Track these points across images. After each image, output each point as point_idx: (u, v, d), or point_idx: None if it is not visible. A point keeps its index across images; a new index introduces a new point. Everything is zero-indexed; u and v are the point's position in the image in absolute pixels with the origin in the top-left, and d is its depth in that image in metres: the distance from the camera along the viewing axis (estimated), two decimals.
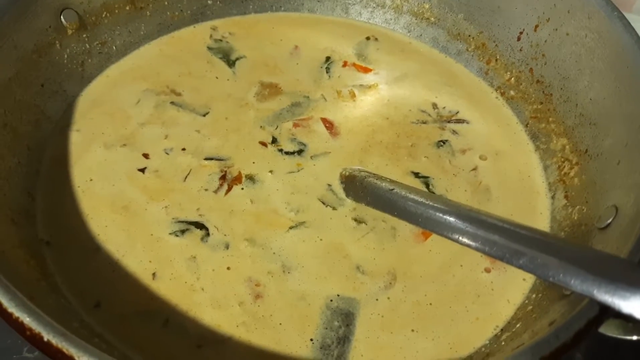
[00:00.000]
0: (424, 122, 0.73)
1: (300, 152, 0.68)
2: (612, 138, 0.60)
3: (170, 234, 0.60)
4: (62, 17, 0.69)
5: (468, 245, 0.51)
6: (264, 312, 0.55)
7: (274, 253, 0.59)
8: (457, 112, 0.75)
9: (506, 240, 0.49)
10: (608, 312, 0.42)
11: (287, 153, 0.68)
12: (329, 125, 0.72)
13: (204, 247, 0.59)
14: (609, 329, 0.46)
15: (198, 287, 0.56)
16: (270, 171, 0.66)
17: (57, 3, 0.68)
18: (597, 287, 0.41)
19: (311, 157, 0.68)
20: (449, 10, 0.81)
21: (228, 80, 0.76)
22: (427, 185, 0.67)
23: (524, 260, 0.47)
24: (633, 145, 0.56)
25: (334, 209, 0.63)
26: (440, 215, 0.55)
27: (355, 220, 0.63)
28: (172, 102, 0.72)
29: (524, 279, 0.60)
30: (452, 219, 0.54)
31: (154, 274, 0.57)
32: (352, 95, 0.76)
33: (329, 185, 0.65)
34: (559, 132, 0.69)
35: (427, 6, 0.82)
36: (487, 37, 0.78)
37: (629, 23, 0.60)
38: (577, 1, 0.65)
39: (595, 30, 0.63)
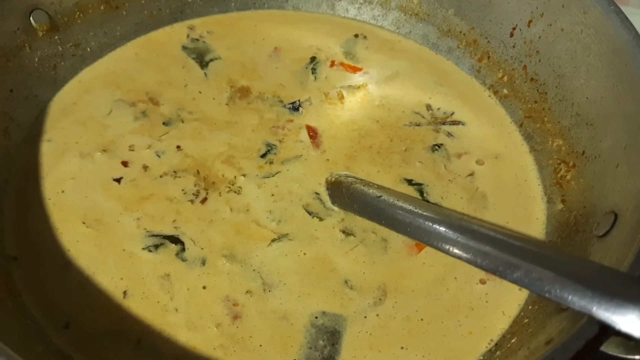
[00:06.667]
0: (418, 125, 0.70)
1: (288, 159, 0.65)
2: (611, 139, 0.57)
3: (143, 249, 0.56)
4: (31, 18, 0.66)
5: (459, 257, 0.48)
6: (243, 333, 0.52)
7: (253, 270, 0.56)
8: (453, 113, 0.71)
9: (499, 252, 0.46)
10: (609, 331, 0.39)
11: (270, 161, 0.64)
12: (312, 133, 0.68)
13: (178, 263, 0.56)
14: (609, 347, 0.43)
15: (172, 307, 0.53)
16: (252, 178, 0.63)
17: (25, 4, 0.65)
18: (596, 304, 0.38)
19: (296, 163, 0.64)
20: (438, 5, 0.77)
21: (203, 83, 0.72)
22: (422, 193, 0.63)
23: (519, 274, 0.44)
24: (632, 148, 0.53)
25: (320, 219, 0.60)
26: (430, 224, 0.52)
27: (344, 232, 0.59)
28: (147, 111, 0.68)
29: (520, 289, 0.57)
30: (442, 229, 0.51)
31: (125, 292, 0.54)
32: (341, 97, 0.72)
33: (317, 193, 0.62)
34: (554, 132, 0.66)
35: (415, 1, 0.78)
36: (479, 34, 0.75)
37: (627, 18, 0.57)
38: None
39: (592, 26, 0.60)
